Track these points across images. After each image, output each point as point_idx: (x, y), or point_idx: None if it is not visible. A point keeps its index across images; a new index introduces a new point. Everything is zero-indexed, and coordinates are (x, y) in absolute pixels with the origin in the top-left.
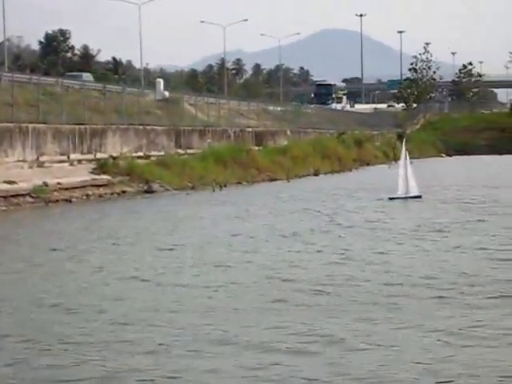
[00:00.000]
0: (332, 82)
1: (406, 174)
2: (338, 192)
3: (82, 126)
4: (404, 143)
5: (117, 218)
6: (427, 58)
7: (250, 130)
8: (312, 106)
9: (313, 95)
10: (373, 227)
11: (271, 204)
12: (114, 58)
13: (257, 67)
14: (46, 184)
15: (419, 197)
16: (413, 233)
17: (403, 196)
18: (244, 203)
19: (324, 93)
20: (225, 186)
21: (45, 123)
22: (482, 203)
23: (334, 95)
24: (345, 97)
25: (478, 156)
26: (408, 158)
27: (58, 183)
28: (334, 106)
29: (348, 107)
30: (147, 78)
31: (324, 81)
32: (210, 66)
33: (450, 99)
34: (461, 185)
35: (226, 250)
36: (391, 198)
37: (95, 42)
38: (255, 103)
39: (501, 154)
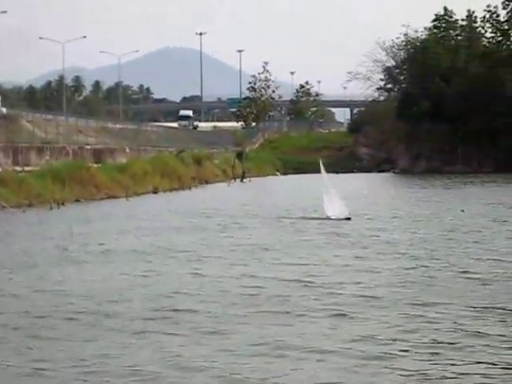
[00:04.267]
0: None
1: (330, 194)
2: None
3: None
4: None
5: None
6: (266, 77)
7: (88, 147)
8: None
9: None
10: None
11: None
12: None
13: (96, 84)
14: None
15: (349, 218)
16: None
17: (338, 217)
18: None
19: None
20: (63, 203)
21: None
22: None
23: None
24: None
25: (316, 174)
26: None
27: None
28: None
29: None
30: None
31: None
32: (49, 83)
33: (288, 118)
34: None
35: None
36: (329, 217)
37: None
38: (94, 120)
39: (337, 172)
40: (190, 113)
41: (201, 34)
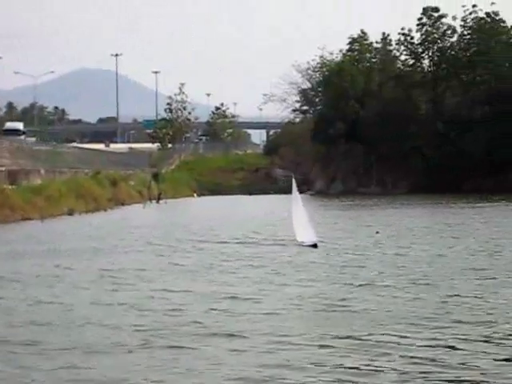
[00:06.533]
0: None
1: (302, 217)
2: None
3: None
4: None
5: None
6: (182, 99)
7: (3, 169)
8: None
9: None
10: None
11: None
12: None
13: (10, 105)
14: None
15: (315, 246)
16: None
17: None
18: None
19: None
20: None
21: None
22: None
23: None
24: None
25: (232, 196)
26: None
27: None
28: None
29: None
30: None
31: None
32: None
33: (205, 139)
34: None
35: None
36: (301, 244)
37: None
38: (8, 141)
39: (251, 194)
40: (19, 125)
41: (116, 55)
